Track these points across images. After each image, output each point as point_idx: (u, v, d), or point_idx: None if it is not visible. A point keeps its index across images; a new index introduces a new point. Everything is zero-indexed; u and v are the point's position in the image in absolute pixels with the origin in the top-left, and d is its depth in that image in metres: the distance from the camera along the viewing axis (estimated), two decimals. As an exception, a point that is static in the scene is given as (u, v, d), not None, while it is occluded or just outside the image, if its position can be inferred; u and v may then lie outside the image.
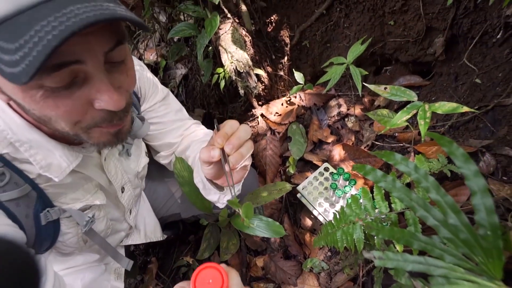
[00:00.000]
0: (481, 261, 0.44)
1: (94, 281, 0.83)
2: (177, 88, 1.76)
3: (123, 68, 0.48)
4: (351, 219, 0.75)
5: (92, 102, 0.45)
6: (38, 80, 0.39)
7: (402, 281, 0.51)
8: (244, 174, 0.59)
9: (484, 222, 0.41)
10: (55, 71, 0.39)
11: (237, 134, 0.52)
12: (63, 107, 0.43)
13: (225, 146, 0.50)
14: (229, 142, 0.51)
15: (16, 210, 0.54)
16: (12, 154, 0.53)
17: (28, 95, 0.41)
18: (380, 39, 1.33)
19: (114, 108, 0.45)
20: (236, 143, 0.51)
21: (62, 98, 0.42)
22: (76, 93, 0.43)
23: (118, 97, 0.44)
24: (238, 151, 0.51)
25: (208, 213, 0.94)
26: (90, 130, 0.48)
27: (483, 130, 1.00)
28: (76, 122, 0.46)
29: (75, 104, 0.43)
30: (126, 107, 0.49)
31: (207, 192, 0.70)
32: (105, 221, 0.75)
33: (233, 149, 0.50)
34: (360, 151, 1.23)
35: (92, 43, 0.40)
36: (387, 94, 0.86)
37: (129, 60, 0.49)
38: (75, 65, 0.40)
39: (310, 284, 1.11)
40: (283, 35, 1.46)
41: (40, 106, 0.42)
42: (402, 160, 0.53)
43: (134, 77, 0.51)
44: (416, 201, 0.51)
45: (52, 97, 0.41)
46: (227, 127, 0.53)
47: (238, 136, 0.52)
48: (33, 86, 0.40)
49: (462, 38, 1.14)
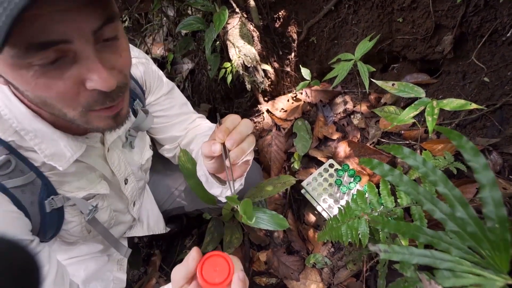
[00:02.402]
0: (487, 255, 0.44)
1: (97, 271, 0.84)
2: (184, 83, 1.76)
3: (116, 48, 0.47)
4: (357, 213, 0.75)
5: (84, 83, 0.44)
6: (26, 59, 0.38)
7: (408, 274, 0.51)
8: (246, 168, 0.59)
9: (492, 215, 0.41)
10: (41, 50, 0.38)
11: (239, 128, 0.52)
12: (55, 88, 0.42)
13: (226, 141, 0.50)
14: (230, 137, 0.50)
15: (21, 197, 0.55)
16: (17, 142, 0.53)
17: (18, 74, 0.41)
18: (388, 36, 1.33)
19: (104, 87, 0.43)
20: (237, 138, 0.51)
21: (53, 79, 0.42)
22: (66, 73, 0.42)
23: (108, 77, 0.43)
24: (239, 146, 0.51)
25: (213, 205, 0.95)
26: (86, 116, 0.48)
27: (490, 129, 1.00)
28: (70, 105, 0.45)
29: (66, 84, 0.42)
30: (120, 88, 0.48)
31: (209, 186, 0.71)
32: (109, 212, 0.76)
33: (234, 144, 0.50)
34: (366, 148, 1.23)
35: (79, 22, 0.39)
36: (395, 90, 0.86)
37: (123, 40, 0.48)
38: (62, 44, 0.39)
39: (312, 280, 1.11)
40: (291, 31, 1.46)
41: (32, 87, 0.42)
42: (410, 154, 0.54)
43: (128, 58, 0.50)
44: (423, 195, 0.51)
45: (43, 77, 0.41)
46: (228, 122, 0.52)
47: (240, 131, 0.51)
48: (22, 65, 0.39)
49: (471, 36, 1.14)
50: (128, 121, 0.72)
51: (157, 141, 0.93)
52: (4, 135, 0.52)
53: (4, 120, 0.52)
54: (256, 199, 1.00)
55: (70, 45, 0.40)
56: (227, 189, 0.70)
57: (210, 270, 0.48)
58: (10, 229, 0.52)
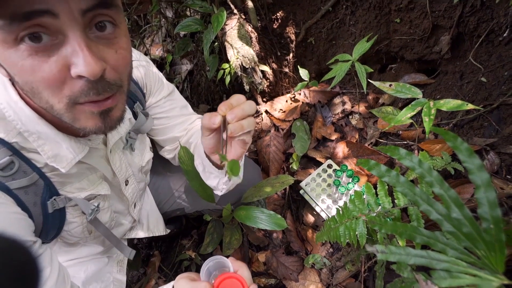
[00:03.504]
0: (483, 255, 0.44)
1: (97, 273, 0.84)
2: (182, 84, 1.76)
3: (112, 43, 0.46)
4: (354, 214, 0.75)
5: (69, 69, 0.43)
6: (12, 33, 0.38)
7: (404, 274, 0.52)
8: (243, 152, 0.60)
9: (487, 215, 0.41)
10: (25, 20, 0.38)
11: (242, 106, 0.52)
12: (40, 72, 0.42)
13: (228, 114, 0.51)
14: (232, 111, 0.51)
15: (25, 198, 0.55)
16: (20, 144, 0.54)
17: (8, 54, 0.40)
18: (385, 37, 1.33)
19: (87, 73, 0.41)
20: (239, 114, 0.51)
21: (39, 62, 0.41)
22: (53, 57, 0.41)
23: (92, 62, 0.41)
24: (239, 122, 0.52)
25: (210, 202, 0.95)
26: (73, 109, 0.47)
27: (488, 128, 1.00)
28: (55, 93, 0.44)
29: (52, 69, 0.42)
30: (109, 84, 0.46)
31: (206, 176, 0.71)
32: (109, 213, 0.76)
33: (235, 119, 0.51)
34: (364, 148, 1.24)
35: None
36: (392, 91, 0.86)
37: (122, 38, 0.47)
38: (46, 16, 0.38)
39: (311, 280, 1.11)
40: (289, 32, 1.47)
41: (19, 69, 0.41)
42: (406, 155, 0.54)
43: (125, 58, 0.49)
44: (420, 196, 0.51)
45: (30, 59, 0.41)
46: (233, 99, 0.53)
47: (242, 107, 0.52)
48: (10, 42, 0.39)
49: (468, 36, 1.14)
50: (129, 124, 0.72)
51: (157, 143, 0.93)
52: (8, 136, 0.53)
53: (8, 121, 0.52)
54: (254, 198, 1.00)
55: (55, 20, 0.39)
56: (224, 180, 0.71)
57: None
58: (14, 230, 0.52)
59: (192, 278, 0.52)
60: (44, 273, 0.56)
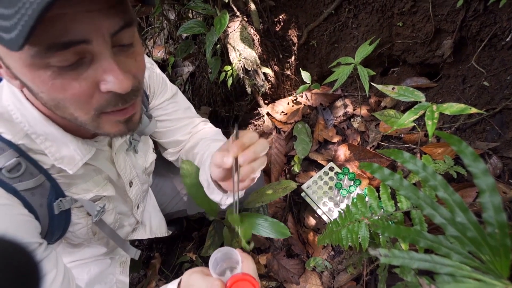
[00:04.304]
0: (488, 260, 0.44)
1: (100, 275, 0.84)
2: (184, 86, 1.77)
3: (131, 53, 0.47)
4: (357, 217, 0.75)
5: (99, 85, 0.44)
6: (46, 59, 0.39)
7: (408, 278, 0.51)
8: (250, 184, 0.59)
9: (492, 220, 0.41)
10: (62, 49, 0.39)
11: (254, 147, 0.52)
12: (70, 90, 0.43)
13: (240, 156, 0.50)
14: (244, 153, 0.50)
15: (31, 199, 0.55)
16: (27, 145, 0.54)
17: (36, 75, 0.41)
18: (388, 40, 1.33)
19: (120, 89, 0.44)
20: (251, 157, 0.51)
21: (69, 80, 0.42)
22: (83, 75, 0.43)
23: (124, 78, 0.44)
24: (250, 165, 0.51)
25: (214, 216, 0.95)
26: (98, 118, 0.48)
27: (490, 132, 1.00)
28: (82, 108, 0.46)
29: (82, 86, 0.43)
30: (134, 91, 0.48)
31: (210, 191, 0.71)
32: (114, 215, 0.76)
33: (246, 162, 0.50)
34: (366, 151, 1.23)
35: (98, 23, 0.40)
36: (395, 94, 0.86)
37: (138, 45, 0.49)
38: (82, 44, 0.40)
39: (312, 283, 1.11)
40: (291, 35, 1.47)
41: (49, 87, 0.42)
42: (410, 158, 0.54)
43: (143, 63, 0.51)
44: (423, 199, 0.51)
45: (60, 78, 0.42)
46: (246, 138, 0.53)
47: (255, 150, 0.52)
48: (40, 65, 0.40)
49: (470, 40, 1.14)
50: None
51: (160, 145, 0.93)
52: (15, 138, 0.53)
53: (16, 123, 0.52)
54: (257, 204, 0.99)
55: (89, 46, 0.41)
56: (227, 197, 0.70)
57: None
58: (21, 232, 0.52)
59: (205, 273, 0.52)
60: (49, 276, 0.56)
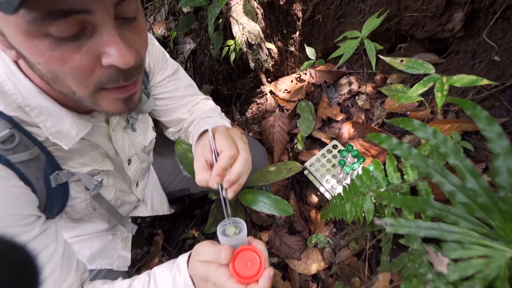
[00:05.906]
0: (497, 225, 0.43)
1: (102, 250, 0.85)
2: (185, 63, 1.73)
3: (135, 27, 0.45)
4: (361, 190, 0.74)
5: (100, 58, 0.42)
6: (44, 27, 0.37)
7: (414, 246, 0.51)
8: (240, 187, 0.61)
9: (505, 183, 0.40)
10: (61, 18, 0.37)
11: (236, 169, 0.52)
12: (70, 63, 0.41)
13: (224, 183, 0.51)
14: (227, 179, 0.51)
15: (27, 172, 0.54)
16: (20, 117, 0.52)
17: (33, 44, 0.39)
18: (396, 14, 1.29)
19: (122, 63, 0.42)
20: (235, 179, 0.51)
21: (69, 52, 0.40)
22: (83, 47, 0.41)
23: (126, 52, 0.42)
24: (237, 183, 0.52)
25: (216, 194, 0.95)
26: (97, 94, 0.46)
27: (499, 108, 0.98)
28: (82, 82, 0.44)
29: (82, 59, 0.41)
30: (136, 68, 0.46)
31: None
32: (114, 191, 0.76)
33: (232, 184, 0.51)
34: (370, 128, 1.22)
35: None
36: (404, 66, 0.83)
37: (141, 20, 0.47)
38: (83, 14, 0.38)
39: (314, 259, 1.12)
40: (296, 9, 1.42)
41: (46, 58, 0.40)
42: (420, 126, 0.52)
43: (146, 39, 0.49)
44: (433, 167, 0.50)
45: (59, 49, 0.40)
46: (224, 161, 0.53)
47: (236, 171, 0.52)
48: (38, 34, 0.38)
49: (483, 13, 1.10)
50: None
51: (162, 124, 0.91)
52: (7, 109, 0.50)
53: (8, 94, 0.50)
54: (260, 183, 0.98)
55: (90, 16, 0.39)
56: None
57: (242, 264, 0.49)
58: (17, 204, 0.51)
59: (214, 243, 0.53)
60: (49, 249, 0.56)
